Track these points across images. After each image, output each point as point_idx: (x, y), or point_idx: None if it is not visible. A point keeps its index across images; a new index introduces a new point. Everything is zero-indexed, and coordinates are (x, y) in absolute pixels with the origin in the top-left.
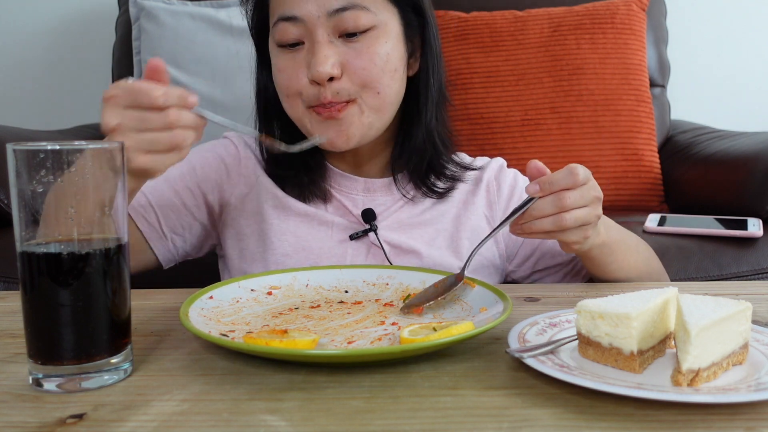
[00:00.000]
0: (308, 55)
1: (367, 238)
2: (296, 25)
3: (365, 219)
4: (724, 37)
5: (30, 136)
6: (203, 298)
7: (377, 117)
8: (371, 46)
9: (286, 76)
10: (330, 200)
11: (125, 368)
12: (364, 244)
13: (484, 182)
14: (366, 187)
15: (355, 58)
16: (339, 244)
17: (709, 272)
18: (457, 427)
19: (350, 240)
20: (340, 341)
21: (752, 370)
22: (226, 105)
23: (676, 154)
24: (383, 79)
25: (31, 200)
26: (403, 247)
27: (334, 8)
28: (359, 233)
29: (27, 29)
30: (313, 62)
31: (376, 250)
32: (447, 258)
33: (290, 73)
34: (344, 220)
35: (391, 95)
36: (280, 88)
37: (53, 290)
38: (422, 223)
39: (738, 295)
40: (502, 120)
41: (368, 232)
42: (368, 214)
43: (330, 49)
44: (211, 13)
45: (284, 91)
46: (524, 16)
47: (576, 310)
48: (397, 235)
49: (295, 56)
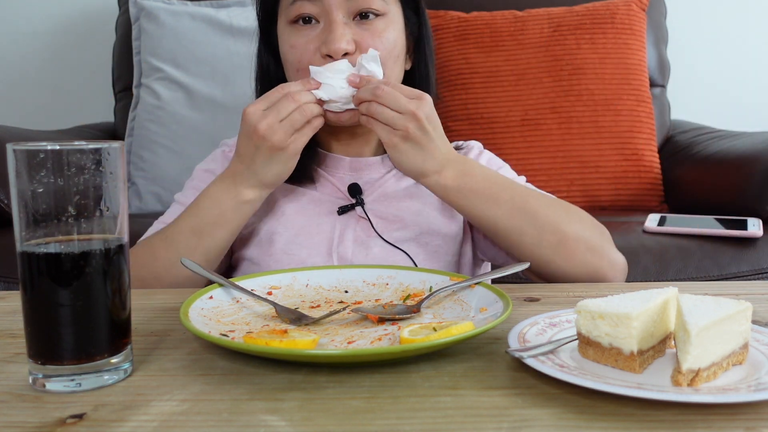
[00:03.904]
0: (323, 33)
1: (354, 212)
2: (314, 4)
3: (351, 194)
4: (724, 37)
5: (30, 136)
6: (203, 298)
7: None
8: (383, 30)
9: (298, 52)
10: (318, 180)
11: (125, 368)
12: (352, 218)
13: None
14: (352, 166)
15: (368, 38)
16: (327, 219)
17: (709, 272)
18: (457, 427)
19: (339, 215)
20: (340, 341)
21: (752, 370)
22: (226, 105)
23: (676, 154)
24: (389, 62)
25: (31, 200)
26: (389, 218)
27: None
28: (347, 207)
29: (27, 29)
30: (330, 38)
31: (363, 222)
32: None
33: (302, 49)
34: (332, 197)
35: (393, 79)
36: (290, 64)
37: (53, 290)
38: (407, 195)
39: (738, 295)
40: (502, 120)
41: (355, 206)
42: (354, 189)
43: (346, 29)
44: (211, 13)
45: (295, 66)
46: (524, 16)
47: (576, 310)
48: (384, 207)
49: (308, 33)
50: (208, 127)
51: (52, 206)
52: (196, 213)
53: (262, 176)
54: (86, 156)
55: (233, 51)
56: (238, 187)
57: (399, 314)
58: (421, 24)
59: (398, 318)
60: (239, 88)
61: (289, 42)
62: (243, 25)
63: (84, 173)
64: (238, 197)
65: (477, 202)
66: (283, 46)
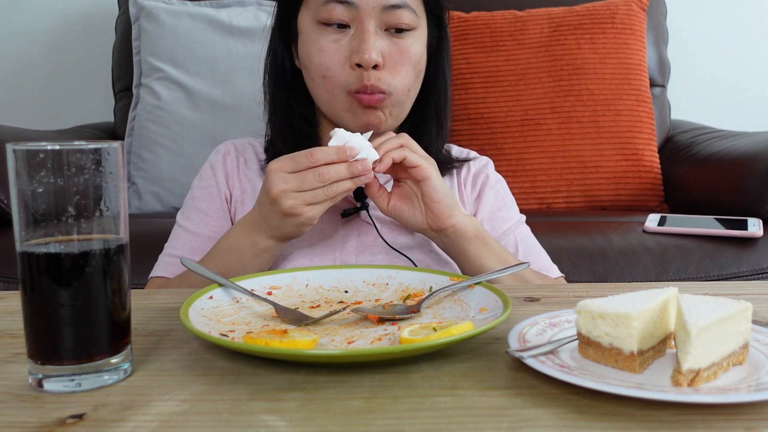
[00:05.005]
0: (354, 40)
1: (358, 216)
2: (348, 9)
3: (357, 198)
4: (724, 37)
5: (30, 136)
6: (203, 298)
7: (399, 110)
8: (411, 45)
9: (328, 57)
10: None
11: (125, 368)
12: (356, 222)
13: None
14: None
15: (395, 54)
16: (331, 223)
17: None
18: (457, 427)
19: (342, 218)
20: (340, 341)
21: (752, 370)
22: (226, 105)
23: (676, 154)
24: (411, 77)
25: (31, 200)
26: (394, 224)
27: (390, 4)
28: (351, 210)
29: (27, 29)
30: (363, 47)
31: (368, 227)
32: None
33: (332, 55)
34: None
35: (413, 94)
36: (315, 67)
37: (53, 290)
38: None
39: (738, 295)
40: (502, 120)
41: (359, 210)
42: (359, 193)
43: (378, 39)
44: (211, 13)
45: (321, 71)
46: (524, 16)
47: (576, 310)
48: None
49: (339, 38)
50: (208, 127)
51: (52, 206)
52: (218, 261)
53: (278, 232)
54: (86, 156)
55: (233, 51)
56: (255, 234)
57: (399, 314)
58: (441, 37)
59: (398, 318)
60: (239, 88)
61: (318, 44)
62: (243, 25)
63: (84, 173)
64: (256, 245)
65: (482, 255)
66: (309, 47)
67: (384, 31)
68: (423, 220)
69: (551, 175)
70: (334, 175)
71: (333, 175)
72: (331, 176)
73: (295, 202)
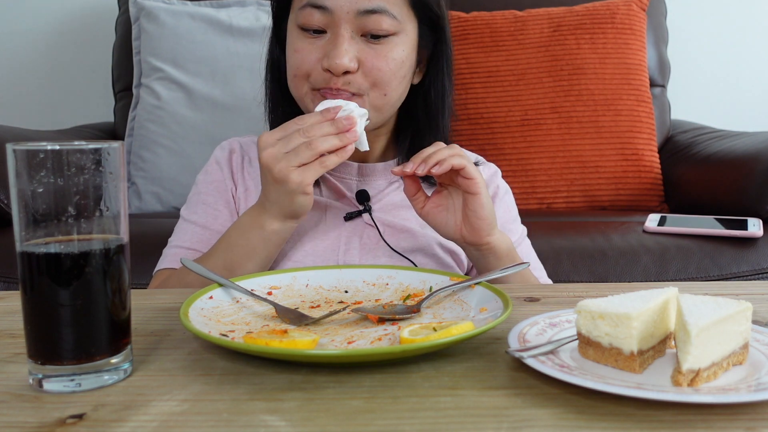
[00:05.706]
0: (328, 45)
1: (361, 219)
2: (323, 14)
3: (359, 200)
4: (724, 37)
5: (30, 136)
6: (203, 298)
7: (376, 114)
8: (390, 50)
9: (300, 58)
10: (324, 184)
11: (125, 368)
12: (359, 225)
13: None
14: (360, 171)
15: (373, 58)
16: (334, 226)
17: (709, 272)
18: (457, 427)
19: (345, 221)
20: (340, 341)
21: (752, 370)
22: (226, 105)
23: (676, 154)
24: (393, 83)
25: (31, 200)
26: (397, 227)
27: (364, 8)
28: (354, 213)
29: (27, 29)
30: (333, 53)
31: (371, 230)
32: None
33: (305, 56)
34: (339, 203)
35: (394, 98)
36: (290, 67)
37: (53, 290)
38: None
39: (738, 295)
40: (502, 120)
41: (362, 213)
42: (362, 195)
43: (351, 45)
44: (211, 13)
45: (293, 71)
46: (524, 16)
47: (576, 310)
48: (391, 216)
49: (314, 42)
50: (208, 127)
51: (52, 206)
52: (226, 247)
53: (279, 208)
54: (86, 156)
55: (233, 51)
56: (262, 217)
57: (399, 314)
58: (438, 40)
59: (398, 318)
60: (239, 88)
61: (294, 45)
62: (243, 25)
63: (84, 173)
64: (264, 228)
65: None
66: (288, 47)
67: (360, 36)
68: (456, 230)
69: (551, 175)
70: (318, 131)
71: (317, 132)
72: (314, 133)
73: (285, 164)
